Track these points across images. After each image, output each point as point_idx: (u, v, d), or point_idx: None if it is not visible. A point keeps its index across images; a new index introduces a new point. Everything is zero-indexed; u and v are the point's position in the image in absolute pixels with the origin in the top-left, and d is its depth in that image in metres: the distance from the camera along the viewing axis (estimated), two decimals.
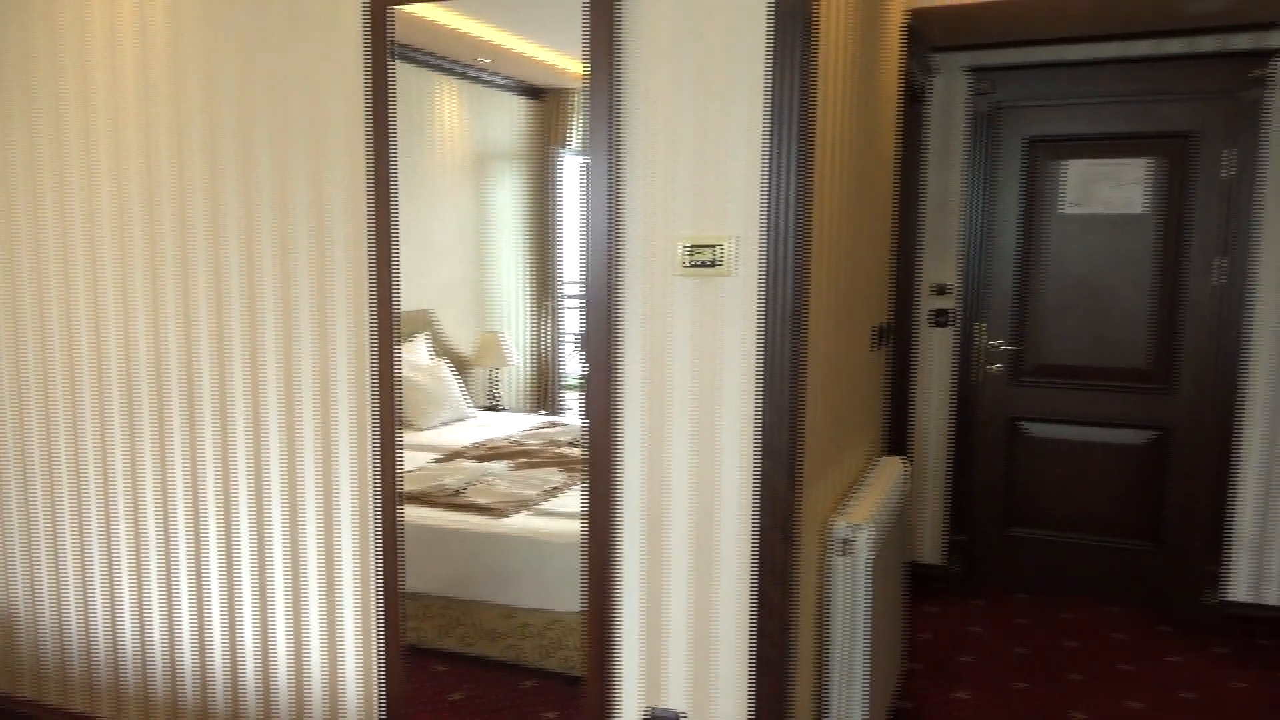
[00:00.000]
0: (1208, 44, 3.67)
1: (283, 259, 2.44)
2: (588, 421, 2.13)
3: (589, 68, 2.02)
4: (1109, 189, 3.85)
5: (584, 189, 2.07)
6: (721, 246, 1.94)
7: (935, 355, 4.16)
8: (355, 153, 2.33)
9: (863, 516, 2.35)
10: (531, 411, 6.19)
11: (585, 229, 2.07)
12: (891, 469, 2.95)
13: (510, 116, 6.37)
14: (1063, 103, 3.86)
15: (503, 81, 6.25)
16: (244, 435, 2.53)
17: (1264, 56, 3.56)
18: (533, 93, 6.46)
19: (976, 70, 3.93)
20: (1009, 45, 3.89)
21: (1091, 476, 3.99)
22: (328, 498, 2.47)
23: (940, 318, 4.13)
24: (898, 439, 4.04)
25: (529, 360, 6.62)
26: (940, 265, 4.11)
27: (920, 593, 4.08)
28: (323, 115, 2.35)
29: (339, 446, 2.44)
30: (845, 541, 2.28)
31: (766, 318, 1.93)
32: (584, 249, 2.09)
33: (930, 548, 4.24)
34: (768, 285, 1.92)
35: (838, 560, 2.29)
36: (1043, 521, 4.07)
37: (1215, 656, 3.48)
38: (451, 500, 3.60)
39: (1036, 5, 3.24)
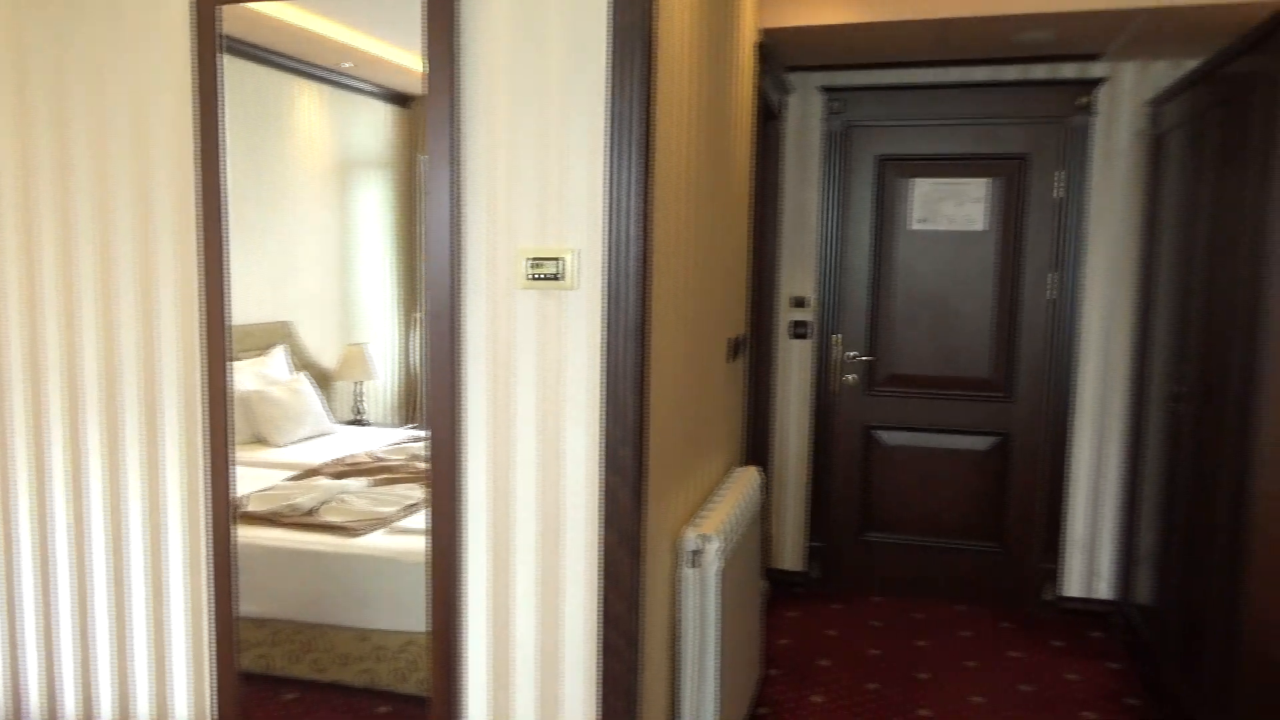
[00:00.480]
0: (1039, 72, 3.90)
1: (104, 271, 2.28)
2: (430, 436, 2.07)
3: (427, 67, 1.97)
4: (953, 207, 4.03)
5: (424, 198, 2.02)
6: (564, 259, 1.92)
7: (795, 366, 4.26)
8: (183, 156, 2.21)
9: (713, 528, 2.37)
10: (398, 425, 6.04)
11: (425, 240, 2.02)
12: (747, 479, 2.99)
13: (377, 124, 6.22)
14: (910, 123, 4.03)
15: (368, 87, 6.09)
16: (61, 454, 2.35)
17: (1088, 85, 3.80)
18: (400, 100, 6.32)
19: (829, 90, 4.06)
20: (859, 67, 4.03)
21: (941, 482, 4.16)
22: (154, 519, 2.33)
23: (799, 329, 4.24)
24: (759, 448, 4.12)
25: (396, 373, 6.46)
26: (799, 278, 4.22)
27: (781, 598, 4.16)
28: (146, 115, 2.22)
29: (166, 467, 2.30)
30: (695, 553, 2.29)
31: (609, 331, 1.92)
32: (425, 260, 2.03)
33: (791, 554, 4.34)
34: (610, 298, 1.91)
35: (688, 572, 2.30)
36: (897, 526, 4.22)
37: (1052, 650, 3.68)
38: (304, 520, 3.46)
39: (881, 30, 3.37)
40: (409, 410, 4.35)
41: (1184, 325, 3.07)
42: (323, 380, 5.56)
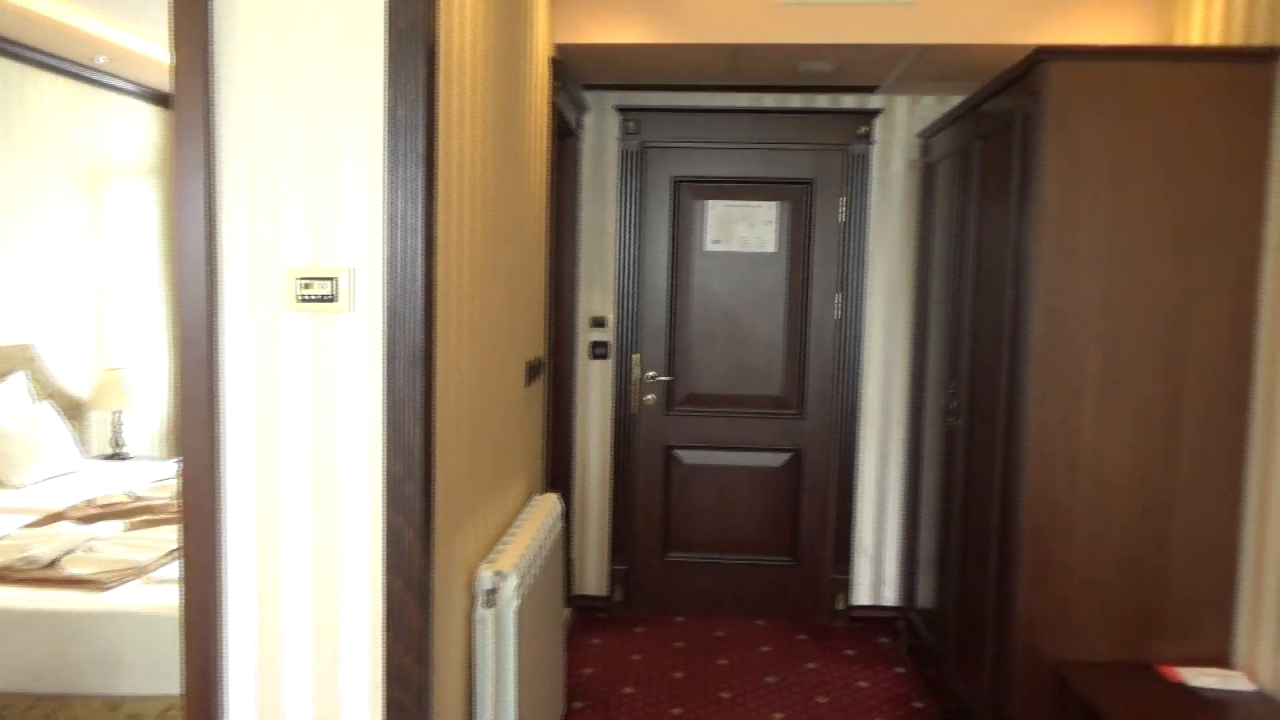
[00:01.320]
0: (822, 101, 4.06)
1: None
2: (183, 474, 1.82)
3: (176, 60, 1.75)
4: (746, 228, 4.12)
5: (173, 211, 1.78)
6: (337, 279, 1.75)
7: (595, 387, 4.20)
8: None
9: (510, 563, 2.24)
10: (167, 459, 5.44)
11: (177, 256, 1.78)
12: (546, 507, 2.89)
13: (136, 126, 5.62)
14: (704, 146, 4.09)
15: (127, 86, 5.50)
16: None
17: (867, 115, 4.00)
18: (163, 100, 5.75)
19: (625, 110, 4.05)
20: (655, 88, 4.05)
21: (738, 499, 4.22)
22: None
23: (599, 350, 4.19)
24: (561, 473, 4.03)
25: (165, 400, 5.84)
26: (598, 298, 4.18)
27: (585, 625, 4.08)
28: None
29: None
30: (490, 592, 2.15)
31: (391, 356, 1.76)
32: (177, 278, 1.79)
33: (594, 579, 4.26)
34: (391, 321, 1.76)
35: (484, 613, 2.16)
36: (698, 544, 4.24)
37: (844, 659, 3.80)
38: (43, 574, 3.01)
39: (673, 52, 3.39)
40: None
41: (954, 344, 3.26)
42: (73, 410, 4.93)
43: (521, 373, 2.89)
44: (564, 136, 3.89)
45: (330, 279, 1.75)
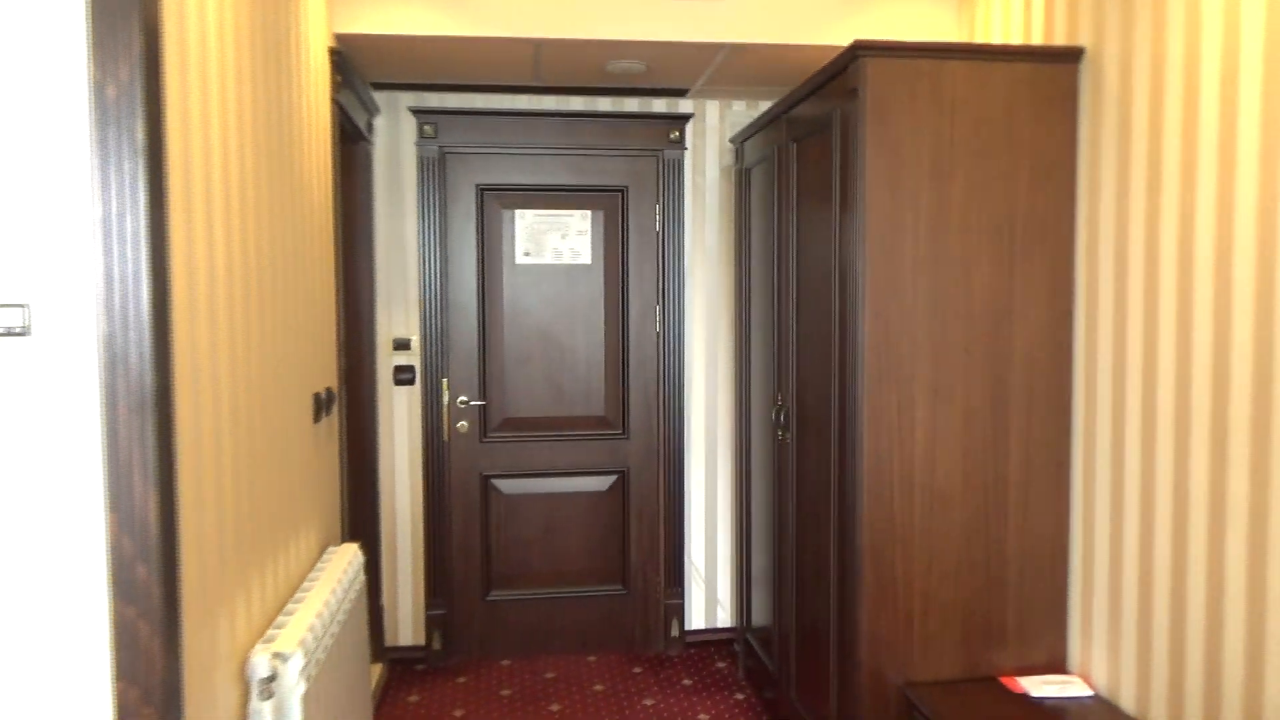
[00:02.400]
0: (632, 104, 3.88)
1: None
2: None
3: None
4: (558, 239, 3.87)
5: None
6: (27, 307, 1.34)
7: (402, 417, 3.82)
8: None
9: (293, 640, 1.87)
10: None
11: None
12: (343, 561, 2.51)
13: None
14: (509, 152, 3.81)
15: None
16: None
17: (679, 120, 3.85)
18: None
19: (420, 112, 3.71)
20: (453, 89, 3.74)
21: (563, 528, 3.95)
22: None
23: (403, 375, 3.81)
24: (364, 515, 3.62)
25: None
26: (400, 318, 3.80)
27: (401, 681, 3.68)
28: None
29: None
30: (267, 680, 1.77)
31: (111, 403, 1.37)
32: None
33: (409, 627, 3.87)
34: (109, 357, 1.37)
35: (260, 705, 1.77)
36: (521, 580, 3.94)
37: (682, 690, 3.60)
38: None
39: (470, 47, 3.10)
40: None
41: (779, 355, 3.14)
42: None
43: (308, 408, 2.50)
44: (353, 141, 3.51)
45: (19, 306, 1.34)
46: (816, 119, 2.72)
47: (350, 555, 2.57)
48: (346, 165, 3.51)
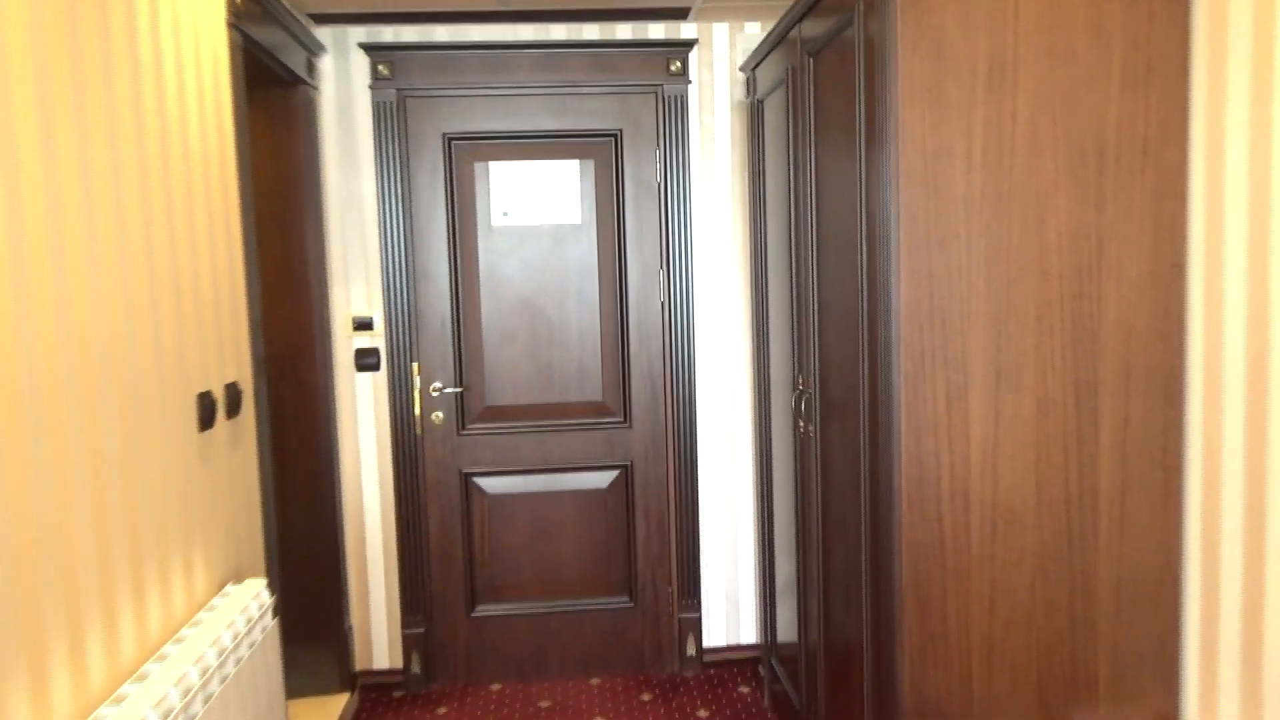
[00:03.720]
0: (624, 31, 3.26)
1: None
2: None
3: None
4: (542, 196, 3.29)
5: None
6: None
7: (367, 408, 3.30)
8: None
9: (141, 710, 1.35)
10: None
11: None
12: (236, 603, 1.99)
13: None
14: (480, 93, 3.22)
15: None
16: None
17: (680, 48, 3.23)
18: None
19: (373, 49, 3.14)
20: (410, 18, 3.15)
21: (558, 532, 3.41)
22: None
23: (366, 360, 3.27)
24: (324, 522, 3.11)
25: None
26: (360, 294, 3.26)
27: (374, 711, 3.19)
28: None
29: None
30: None
31: None
32: None
33: (384, 649, 3.37)
34: None
35: None
36: (511, 593, 3.41)
37: None
38: None
39: None
40: None
41: (799, 328, 2.53)
42: None
43: (192, 412, 1.98)
44: (285, 85, 2.96)
45: None
46: (836, 22, 2.08)
47: (250, 595, 2.04)
48: (278, 114, 2.96)
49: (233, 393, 2.21)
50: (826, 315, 2.29)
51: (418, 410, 3.30)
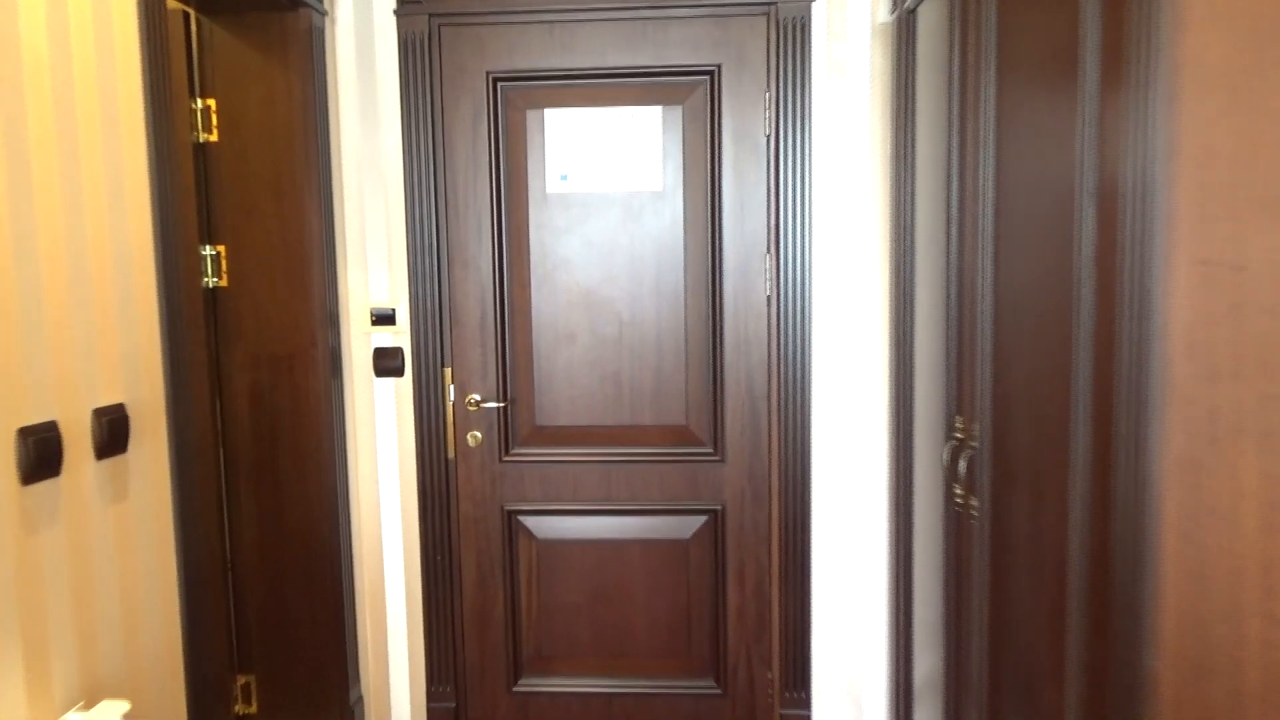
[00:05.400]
0: None
1: None
2: None
3: None
4: (612, 154, 2.50)
5: None
6: None
7: (387, 422, 2.61)
8: None
9: None
10: None
11: None
12: None
13: None
14: (534, 18, 2.46)
15: None
16: None
17: None
18: None
19: None
20: None
21: (627, 591, 2.63)
22: None
23: (388, 362, 2.59)
24: (323, 567, 2.46)
25: None
26: (381, 279, 2.57)
27: None
28: None
29: None
30: None
31: None
32: None
33: None
34: None
35: None
36: (563, 665, 2.66)
37: None
38: None
39: None
40: None
41: (959, 349, 1.65)
42: None
43: (8, 457, 1.30)
44: (278, 8, 2.28)
45: None
46: None
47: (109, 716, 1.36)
48: (273, 45, 2.29)
49: (111, 422, 1.53)
50: (1008, 331, 1.41)
51: (451, 428, 2.59)
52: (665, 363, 2.55)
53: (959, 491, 1.68)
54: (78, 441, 1.46)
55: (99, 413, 1.51)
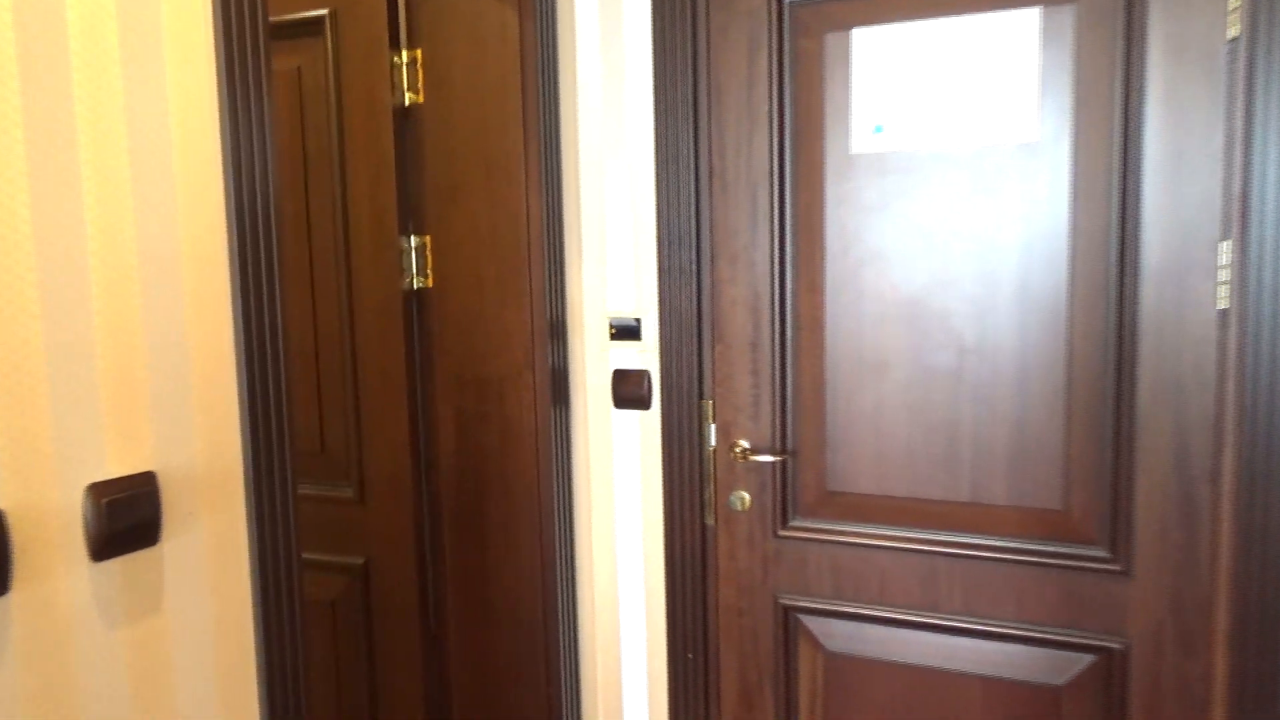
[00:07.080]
0: None
1: None
2: None
3: None
4: (954, 90, 1.64)
5: None
6: None
7: (628, 469, 1.96)
8: None
9: None
10: None
11: None
12: None
13: None
14: None
15: None
16: None
17: None
18: None
19: None
20: None
21: None
22: None
23: (630, 389, 1.93)
24: (535, 664, 1.87)
25: None
26: (622, 280, 1.92)
27: None
28: None
29: None
30: None
31: None
32: None
33: None
34: None
35: None
36: None
37: None
38: None
39: None
40: None
41: None
42: None
43: None
44: None
45: None
46: None
47: None
48: None
49: (120, 503, 1.00)
50: None
51: (710, 484, 1.88)
52: (1031, 412, 1.64)
53: None
54: (49, 536, 0.93)
55: (97, 490, 0.98)
